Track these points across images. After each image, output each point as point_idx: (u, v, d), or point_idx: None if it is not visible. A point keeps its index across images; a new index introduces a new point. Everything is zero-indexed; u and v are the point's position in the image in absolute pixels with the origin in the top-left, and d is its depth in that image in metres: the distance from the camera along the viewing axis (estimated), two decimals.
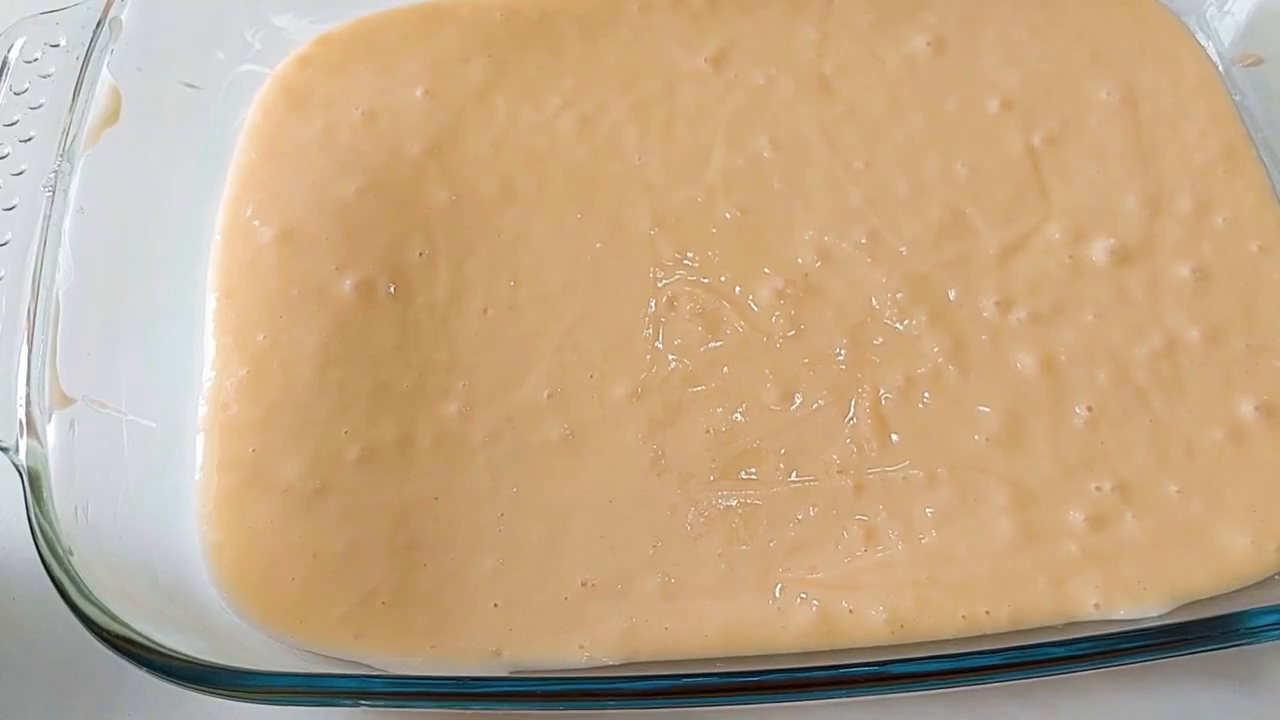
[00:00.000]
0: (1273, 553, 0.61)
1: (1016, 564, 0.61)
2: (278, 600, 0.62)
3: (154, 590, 0.60)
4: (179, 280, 0.71)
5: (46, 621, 0.65)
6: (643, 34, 0.78)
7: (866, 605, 0.61)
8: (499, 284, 0.70)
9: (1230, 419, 0.65)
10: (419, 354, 0.68)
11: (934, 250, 0.70)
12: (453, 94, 0.76)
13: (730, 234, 0.71)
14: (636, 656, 0.61)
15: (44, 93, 0.67)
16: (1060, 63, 0.76)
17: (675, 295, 0.70)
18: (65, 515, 0.58)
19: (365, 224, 0.72)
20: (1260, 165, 0.72)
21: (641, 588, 0.62)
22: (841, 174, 0.73)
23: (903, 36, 0.77)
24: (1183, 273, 0.69)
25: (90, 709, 0.64)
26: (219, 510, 0.65)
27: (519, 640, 0.61)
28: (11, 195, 0.64)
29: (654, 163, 0.74)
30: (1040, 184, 0.72)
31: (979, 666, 0.56)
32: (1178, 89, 0.75)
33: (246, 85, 0.77)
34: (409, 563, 0.63)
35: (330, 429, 0.66)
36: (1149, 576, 0.61)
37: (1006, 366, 0.67)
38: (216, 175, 0.74)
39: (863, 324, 0.68)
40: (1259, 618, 0.56)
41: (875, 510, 0.63)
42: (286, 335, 0.69)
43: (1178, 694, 0.62)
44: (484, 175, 0.73)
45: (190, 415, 0.67)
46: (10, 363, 0.60)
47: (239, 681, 0.55)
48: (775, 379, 0.67)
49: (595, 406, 0.67)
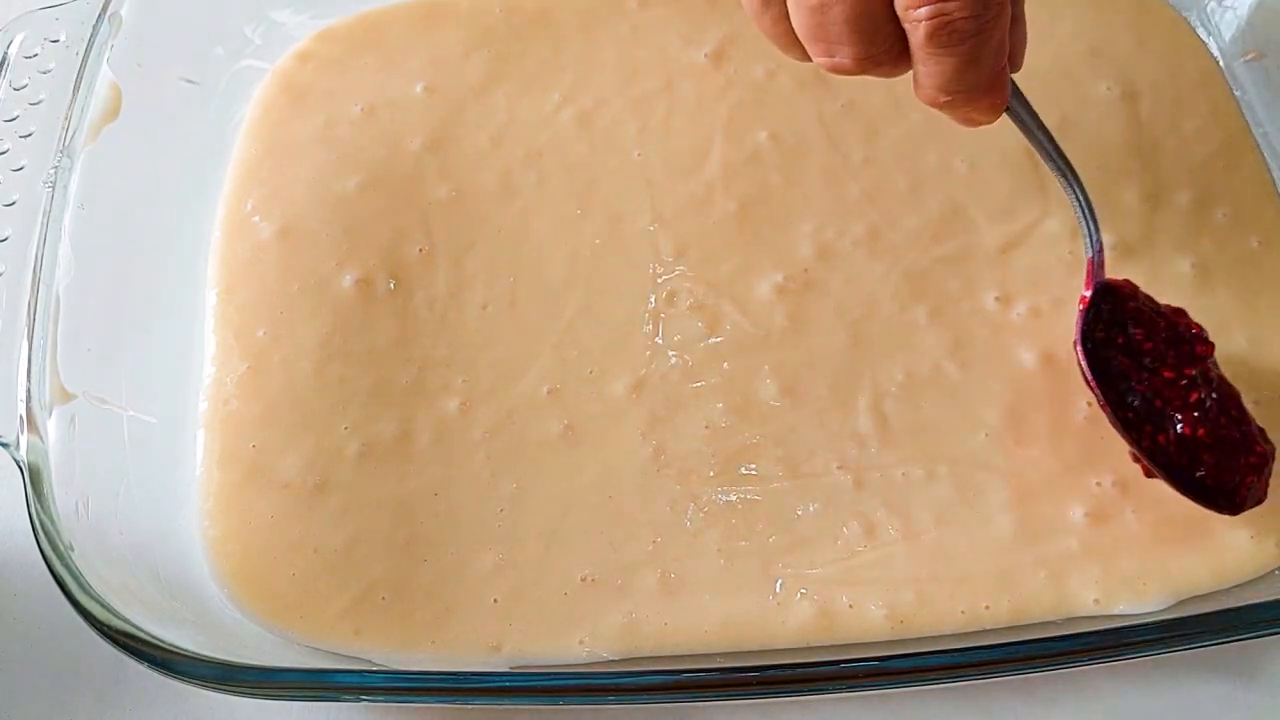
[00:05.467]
0: (1272, 548, 0.61)
1: (1016, 560, 0.61)
2: (278, 595, 0.63)
3: (155, 585, 0.60)
4: (179, 276, 0.71)
5: (47, 617, 0.65)
6: (642, 29, 0.78)
7: (866, 601, 0.61)
8: (499, 279, 0.70)
9: None
10: (419, 350, 0.68)
11: (934, 245, 0.70)
12: (453, 89, 0.76)
13: (730, 229, 0.71)
14: (636, 652, 0.61)
15: (44, 88, 0.67)
16: (1060, 57, 0.75)
17: (675, 290, 0.70)
18: (66, 511, 0.58)
19: (365, 219, 0.72)
20: (1260, 160, 0.72)
21: (641, 583, 0.62)
22: (841, 169, 0.73)
23: None
24: (1183, 268, 0.69)
25: (91, 704, 0.64)
26: (219, 506, 0.65)
27: (519, 635, 0.61)
28: (11, 191, 0.64)
29: (653, 158, 0.74)
30: (1040, 179, 0.72)
31: (979, 661, 0.56)
32: (1178, 84, 0.75)
33: (246, 81, 0.77)
34: (409, 558, 0.63)
35: (330, 425, 0.66)
36: (1149, 572, 0.61)
37: (1007, 362, 0.67)
38: (216, 171, 0.74)
39: (863, 319, 0.68)
40: (1259, 613, 0.56)
41: (875, 506, 0.63)
42: (287, 331, 0.69)
43: (1178, 688, 0.62)
44: (484, 171, 0.73)
45: (191, 411, 0.67)
46: (11, 358, 0.60)
47: (239, 677, 0.55)
48: (775, 375, 0.67)
49: (595, 402, 0.67)
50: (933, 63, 0.50)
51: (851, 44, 0.50)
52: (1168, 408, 0.60)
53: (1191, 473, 0.60)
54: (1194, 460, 0.60)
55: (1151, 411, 0.60)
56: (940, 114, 0.56)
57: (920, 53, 0.50)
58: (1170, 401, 0.60)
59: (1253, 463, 0.60)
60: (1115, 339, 0.62)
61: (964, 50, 0.49)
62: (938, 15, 0.48)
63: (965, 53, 0.50)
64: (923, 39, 0.49)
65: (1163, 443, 0.60)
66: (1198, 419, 0.59)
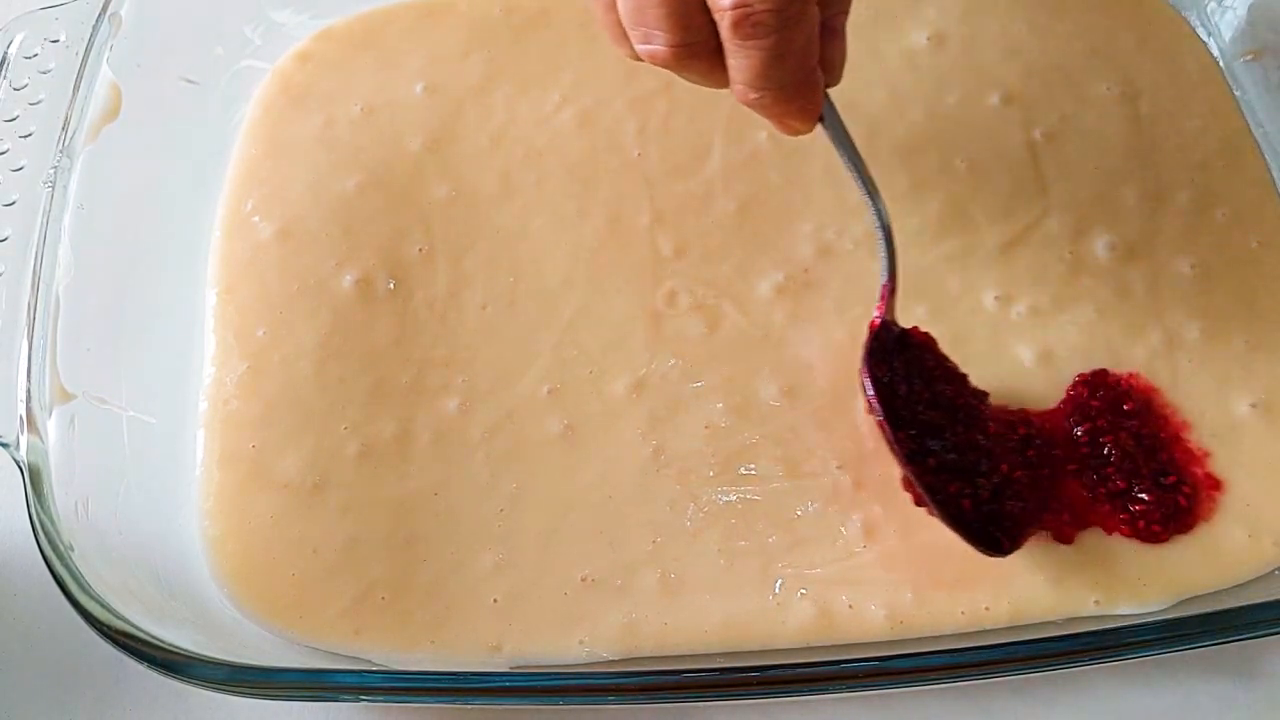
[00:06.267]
0: (1270, 548, 0.61)
1: (1016, 561, 0.61)
2: (278, 595, 0.63)
3: (154, 585, 0.60)
4: (179, 276, 0.71)
5: (47, 617, 0.65)
6: None
7: (866, 601, 0.61)
8: (498, 279, 0.70)
9: (1228, 416, 0.65)
10: (418, 350, 0.68)
11: (934, 244, 0.70)
12: (452, 89, 0.76)
13: (729, 228, 0.71)
14: (636, 652, 0.61)
15: (44, 88, 0.67)
16: (1060, 57, 0.75)
17: (675, 290, 0.70)
18: (66, 511, 0.58)
19: (365, 219, 0.72)
20: (1260, 160, 0.72)
21: (641, 583, 0.62)
22: (841, 169, 0.72)
23: (902, 31, 0.77)
24: (1183, 268, 0.69)
25: (91, 704, 0.64)
26: (219, 506, 0.65)
27: (519, 635, 0.61)
28: (11, 191, 0.64)
29: (653, 157, 0.74)
30: (1040, 178, 0.72)
31: (979, 662, 0.56)
32: (1178, 83, 0.75)
33: (246, 81, 0.77)
34: (409, 558, 0.63)
35: (330, 424, 0.66)
36: (1148, 573, 0.61)
37: (1006, 360, 0.67)
38: (216, 171, 0.74)
39: (863, 318, 0.68)
40: (1258, 613, 0.56)
41: (874, 506, 0.63)
42: (286, 331, 0.69)
43: (1177, 688, 0.62)
44: (483, 171, 0.73)
45: (190, 411, 0.67)
46: (11, 358, 0.60)
47: (239, 677, 0.55)
48: (774, 374, 0.67)
49: (595, 402, 0.67)
50: (740, 55, 0.52)
51: (667, 30, 0.52)
52: (981, 458, 0.60)
53: (959, 506, 0.59)
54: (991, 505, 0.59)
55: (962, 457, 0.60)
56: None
57: (729, 45, 0.52)
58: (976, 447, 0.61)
59: (1065, 520, 0.61)
60: (914, 388, 0.62)
61: (769, 44, 0.51)
62: (740, 6, 0.50)
63: (770, 46, 0.51)
64: (729, 29, 0.51)
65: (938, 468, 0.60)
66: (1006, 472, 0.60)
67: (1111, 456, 0.62)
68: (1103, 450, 0.62)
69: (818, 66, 0.55)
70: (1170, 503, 0.61)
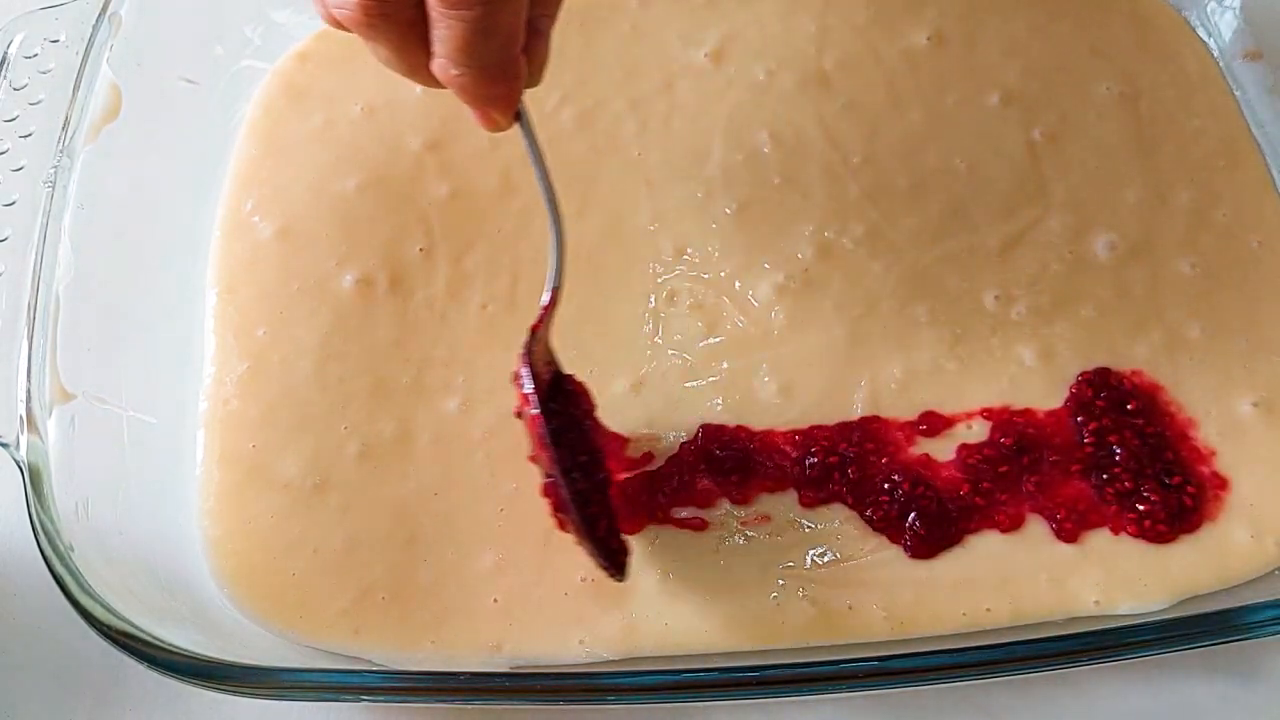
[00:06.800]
0: (1272, 547, 0.61)
1: (1017, 561, 0.61)
2: (278, 595, 0.63)
3: (154, 585, 0.60)
4: (179, 276, 0.71)
5: (48, 617, 0.65)
6: (642, 28, 0.78)
7: (866, 602, 0.61)
8: (498, 279, 0.70)
9: (1229, 415, 0.65)
10: (418, 349, 0.68)
11: (934, 244, 0.70)
12: None
13: (729, 228, 0.71)
14: (636, 652, 0.61)
15: (44, 88, 0.67)
16: (1060, 57, 0.75)
17: (675, 290, 0.70)
18: (66, 511, 0.58)
19: (365, 219, 0.72)
20: (1260, 160, 0.72)
21: (641, 583, 0.62)
22: (841, 168, 0.73)
23: (902, 31, 0.77)
24: (1183, 268, 0.69)
25: (91, 704, 0.64)
26: (219, 506, 0.65)
27: (519, 636, 0.61)
28: (11, 191, 0.64)
29: (653, 158, 0.74)
30: (1040, 178, 0.72)
31: (979, 661, 0.56)
32: (1178, 84, 0.75)
33: (246, 81, 0.77)
34: (409, 558, 0.63)
35: (330, 424, 0.66)
36: (1149, 573, 0.61)
37: (1006, 359, 0.67)
38: (216, 171, 0.74)
39: (862, 318, 0.68)
40: (1259, 613, 0.56)
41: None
42: (286, 331, 0.69)
43: (1178, 688, 0.62)
44: (483, 170, 0.73)
45: (190, 411, 0.67)
46: (11, 358, 0.60)
47: (239, 676, 0.55)
48: (774, 373, 0.67)
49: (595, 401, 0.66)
50: (444, 25, 0.51)
51: None
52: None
53: (597, 529, 0.59)
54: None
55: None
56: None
57: (435, 12, 0.51)
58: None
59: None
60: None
61: (475, 16, 0.50)
62: None
63: (475, 19, 0.50)
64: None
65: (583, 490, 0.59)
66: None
67: (1118, 456, 0.62)
68: (1110, 449, 0.62)
69: (521, 57, 0.54)
70: (1175, 502, 0.61)
